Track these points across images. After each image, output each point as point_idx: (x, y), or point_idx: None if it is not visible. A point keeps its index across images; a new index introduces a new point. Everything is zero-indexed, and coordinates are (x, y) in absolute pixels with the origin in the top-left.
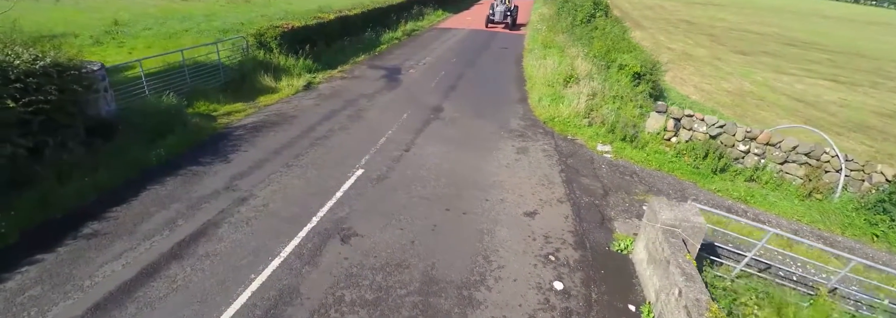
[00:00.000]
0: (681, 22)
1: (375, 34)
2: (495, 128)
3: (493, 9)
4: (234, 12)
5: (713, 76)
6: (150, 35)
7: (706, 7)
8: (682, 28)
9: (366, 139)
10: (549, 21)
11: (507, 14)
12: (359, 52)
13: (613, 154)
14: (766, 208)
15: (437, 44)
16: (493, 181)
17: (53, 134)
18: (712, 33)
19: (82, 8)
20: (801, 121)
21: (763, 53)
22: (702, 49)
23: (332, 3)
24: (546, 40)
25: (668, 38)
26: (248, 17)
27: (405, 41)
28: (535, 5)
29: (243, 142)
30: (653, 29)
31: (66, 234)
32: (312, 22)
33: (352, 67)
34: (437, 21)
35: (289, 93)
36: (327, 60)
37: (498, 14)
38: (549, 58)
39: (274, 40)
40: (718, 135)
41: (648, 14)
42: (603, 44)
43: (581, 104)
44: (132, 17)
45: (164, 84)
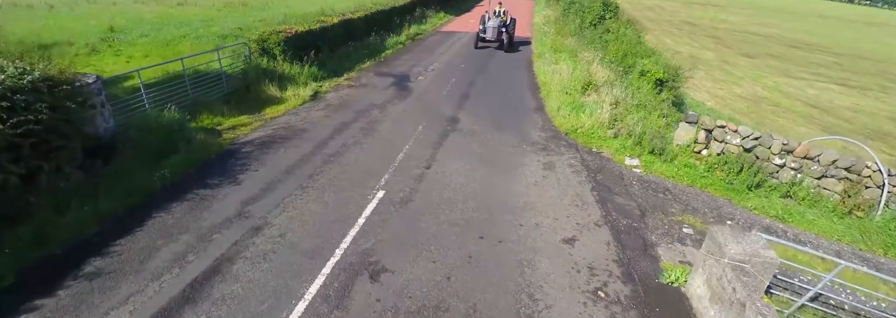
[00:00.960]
0: (683, 24)
1: (380, 39)
2: (517, 141)
3: (483, 23)
4: (231, 17)
5: (725, 81)
6: (147, 42)
7: (705, 7)
8: (686, 30)
9: (382, 155)
10: (555, 24)
11: (501, 30)
12: (364, 57)
13: (643, 169)
14: (805, 228)
15: (443, 48)
16: (523, 202)
17: (47, 158)
18: (716, 35)
19: (77, 14)
20: (819, 128)
21: (769, 56)
22: (709, 52)
23: (332, 5)
24: (555, 44)
25: (674, 41)
26: (246, 22)
27: (410, 46)
28: (537, 7)
29: (252, 160)
30: (657, 31)
31: (66, 273)
32: (316, 26)
33: (358, 74)
34: (440, 24)
35: (296, 103)
36: (333, 66)
37: (490, 30)
38: (561, 63)
39: (277, 46)
40: (753, 148)
41: (650, 15)
42: (619, 48)
43: (604, 114)
44: (128, 24)
45: (164, 96)
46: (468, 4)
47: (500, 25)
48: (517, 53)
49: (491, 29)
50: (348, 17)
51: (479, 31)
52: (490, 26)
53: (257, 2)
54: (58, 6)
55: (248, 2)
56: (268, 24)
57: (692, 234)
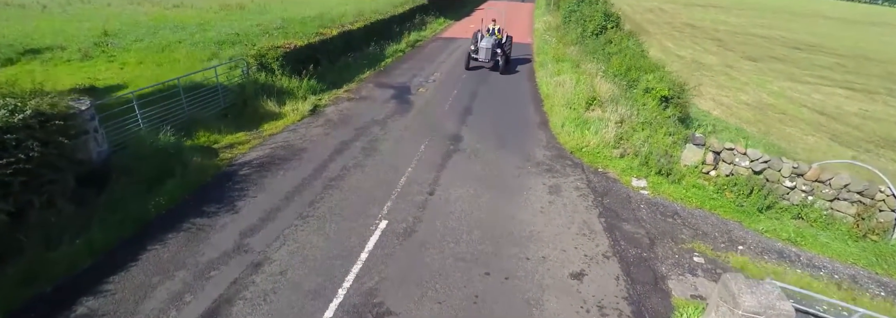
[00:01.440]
0: (685, 26)
1: (379, 48)
2: (520, 161)
3: (476, 41)
4: (227, 20)
5: (729, 87)
6: (141, 47)
7: (706, 9)
8: (688, 33)
9: (384, 179)
10: (556, 31)
11: (495, 51)
12: (363, 68)
13: (650, 190)
14: (819, 251)
15: (444, 56)
16: (529, 232)
17: (38, 192)
18: (718, 38)
19: (70, 15)
20: (828, 137)
21: (772, 59)
22: (712, 56)
23: (331, 9)
24: (557, 54)
25: (675, 45)
26: (243, 27)
27: (410, 53)
28: (537, 10)
29: (250, 184)
30: (659, 34)
31: (58, 315)
32: (315, 39)
33: (358, 85)
34: (439, 30)
35: (294, 119)
36: (332, 78)
37: (483, 51)
38: (563, 74)
39: (276, 61)
40: (762, 170)
41: (651, 18)
42: (622, 61)
43: (610, 133)
44: (122, 27)
45: (159, 114)
46: (468, 8)
47: (494, 45)
48: (519, 62)
49: (484, 49)
50: (347, 28)
51: (470, 52)
52: (483, 46)
53: (255, 5)
54: (51, 6)
55: (246, 5)
56: (265, 29)
57: (703, 263)
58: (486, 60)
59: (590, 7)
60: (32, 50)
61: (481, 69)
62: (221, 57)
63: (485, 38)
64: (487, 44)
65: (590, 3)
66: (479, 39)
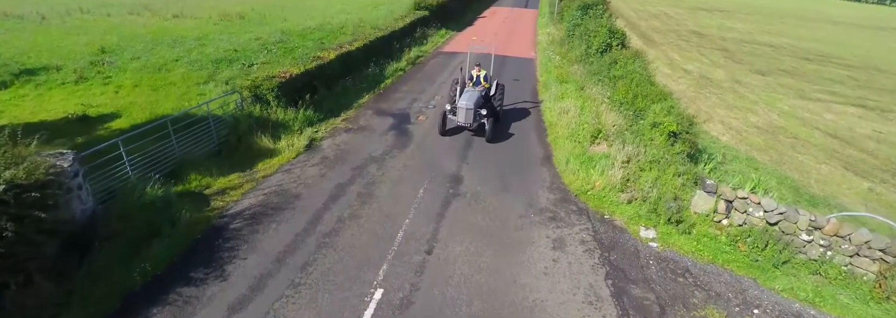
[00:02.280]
0: (691, 34)
1: (378, 68)
2: (524, 207)
3: (454, 96)
4: (226, 33)
5: (738, 107)
6: (138, 67)
7: (712, 14)
8: (694, 42)
9: (381, 235)
10: (559, 45)
11: (480, 112)
12: (362, 92)
13: (660, 243)
14: (840, 313)
15: (444, 76)
16: (533, 301)
17: (14, 272)
18: (725, 47)
19: (68, 28)
20: (842, 165)
21: (781, 72)
22: (719, 70)
23: (332, 18)
24: (561, 73)
25: (682, 57)
26: (242, 41)
27: (410, 72)
28: (541, 19)
29: (241, 242)
30: (664, 45)
31: None
32: (312, 65)
33: (356, 112)
34: (441, 42)
35: (289, 156)
36: (329, 106)
37: (462, 112)
38: (567, 99)
39: (270, 92)
40: (778, 222)
41: (656, 25)
42: (628, 88)
43: (616, 174)
44: (120, 41)
45: (149, 159)
46: (469, 16)
47: (477, 102)
48: (522, 82)
49: (464, 110)
50: (346, 49)
51: (445, 111)
52: (462, 106)
53: (255, 14)
54: (50, 17)
55: (246, 14)
56: (264, 44)
57: None
58: (467, 124)
59: (594, 21)
60: (28, 70)
61: None
62: (218, 79)
63: (466, 93)
64: (469, 102)
65: (594, 17)
66: (458, 94)
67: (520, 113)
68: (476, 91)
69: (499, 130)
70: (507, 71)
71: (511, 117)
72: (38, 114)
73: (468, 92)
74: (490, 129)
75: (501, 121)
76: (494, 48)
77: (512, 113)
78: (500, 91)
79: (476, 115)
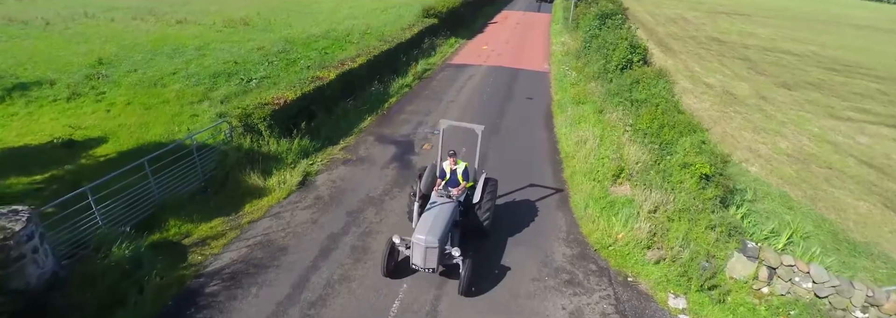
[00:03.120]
0: (711, 41)
1: (383, 85)
2: (537, 265)
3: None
4: (228, 42)
5: (766, 130)
6: (133, 82)
7: (732, 18)
8: (715, 50)
9: (375, 305)
10: (575, 58)
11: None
12: (364, 114)
13: (691, 315)
14: None
15: (453, 92)
16: None
17: None
18: (747, 56)
19: (70, 35)
20: (881, 201)
21: (808, 86)
22: (743, 84)
23: (338, 24)
24: (577, 93)
25: (702, 68)
26: (243, 51)
27: (417, 88)
28: (554, 25)
29: (215, 312)
30: (684, 54)
31: None
32: (310, 88)
33: (357, 139)
34: (450, 53)
35: (280, 196)
36: (328, 132)
37: (420, 251)
38: (584, 124)
39: (262, 122)
40: (828, 295)
41: (674, 31)
42: (653, 116)
43: (642, 229)
44: (120, 51)
45: (123, 205)
46: (480, 22)
47: (446, 229)
48: (535, 102)
49: (422, 248)
50: (348, 66)
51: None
52: (419, 241)
53: (260, 19)
54: (54, 22)
55: (251, 20)
56: (266, 54)
57: None
58: (427, 269)
59: (613, 33)
60: (22, 85)
61: (492, 111)
62: (213, 97)
63: (430, 211)
64: (429, 235)
65: (612, 27)
66: (415, 212)
67: (533, 140)
68: (445, 205)
69: (510, 160)
70: (519, 86)
71: (524, 146)
72: (24, 136)
73: (433, 209)
74: (467, 275)
75: (513, 150)
76: (499, 56)
77: (525, 140)
78: (489, 192)
79: (441, 254)
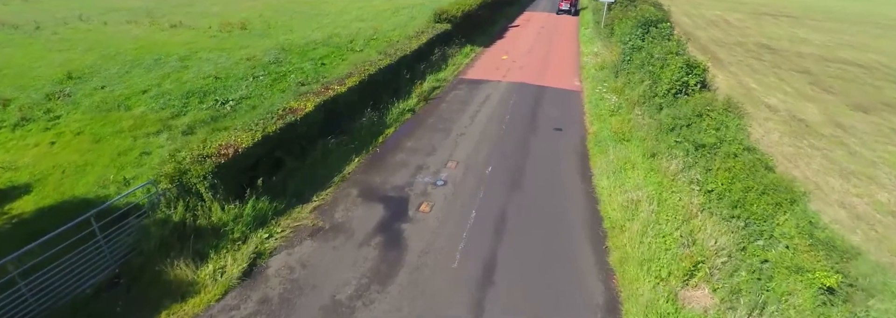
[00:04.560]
0: (762, 49)
1: (379, 112)
2: None
3: None
4: (218, 49)
5: (855, 174)
6: (96, 103)
7: (778, 20)
8: (768, 61)
9: None
10: (612, 74)
11: None
12: (350, 154)
13: None
14: None
15: (465, 120)
16: None
17: None
18: (806, 68)
19: (55, 42)
20: None
21: (886, 108)
22: (810, 106)
23: (343, 27)
24: (619, 124)
25: (758, 84)
26: (230, 62)
27: (422, 113)
28: (583, 32)
29: None
30: (733, 65)
31: None
32: (274, 128)
33: (335, 192)
34: (464, 65)
35: (210, 298)
36: (298, 185)
37: None
38: (631, 172)
39: (203, 182)
40: None
41: (717, 36)
42: (732, 175)
43: None
44: (98, 61)
45: None
46: (499, 26)
47: None
48: (566, 135)
49: None
50: (334, 91)
51: None
52: None
53: (260, 22)
54: (45, 25)
55: (250, 23)
56: (254, 65)
57: None
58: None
59: (660, 45)
60: None
61: (512, 151)
62: (175, 127)
63: None
64: None
65: (658, 38)
66: None
67: (566, 198)
68: None
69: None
70: (545, 111)
71: (554, 209)
72: None
73: None
74: None
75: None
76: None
77: (555, 198)
78: None
79: None
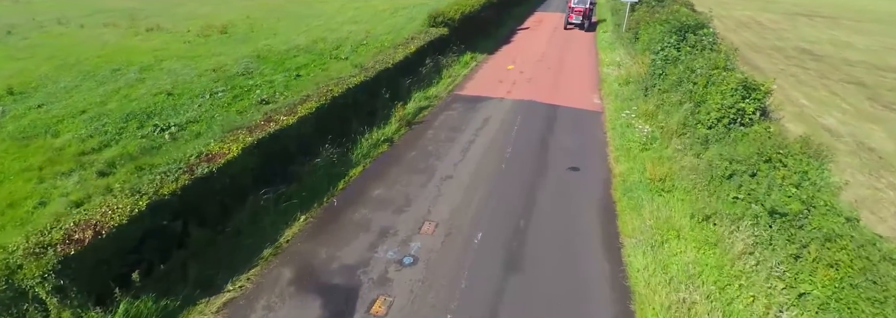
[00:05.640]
0: (803, 55)
1: (341, 148)
2: None
3: None
4: (188, 57)
5: None
6: (21, 128)
7: (813, 21)
8: (813, 70)
9: None
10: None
11: None
12: (293, 212)
13: None
14: None
15: (454, 154)
16: None
17: None
18: (858, 78)
19: (20, 48)
20: None
21: None
22: (875, 128)
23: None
24: (654, 166)
25: (808, 98)
26: (195, 73)
27: (401, 143)
28: (601, 36)
29: None
30: (773, 72)
31: None
32: (173, 188)
33: (260, 276)
34: (462, 77)
35: None
36: (205, 269)
37: None
38: (673, 243)
39: (43, 284)
40: None
41: (751, 39)
42: (836, 275)
43: None
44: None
45: None
46: (507, 28)
47: None
48: (583, 177)
49: None
50: (278, 123)
51: None
52: None
53: (245, 25)
54: (18, 30)
55: (232, 26)
56: (220, 77)
57: None
58: None
59: (702, 58)
60: None
61: (509, 199)
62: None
63: None
64: None
65: (699, 49)
66: None
67: (584, 290)
68: None
69: None
70: (558, 141)
71: (566, 305)
72: None
73: None
74: None
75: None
76: None
77: (568, 288)
78: None
79: None
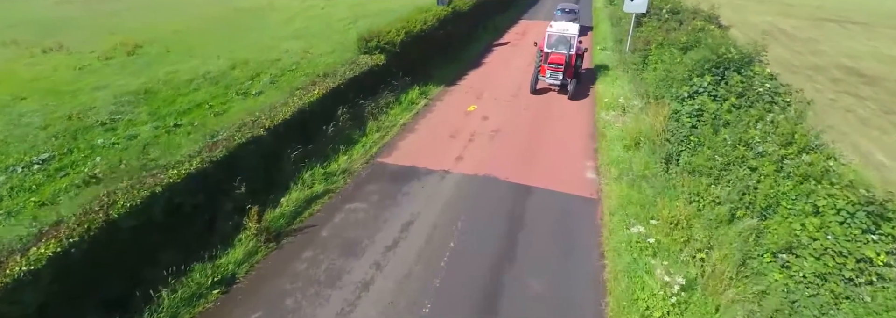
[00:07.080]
0: (851, 76)
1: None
2: None
3: None
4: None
5: None
6: None
7: (846, 29)
8: (871, 99)
9: None
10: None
11: None
12: None
13: None
14: None
15: (330, 310)
16: None
17: None
18: None
19: None
20: None
21: None
22: None
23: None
24: None
25: (882, 151)
26: (38, 124)
27: (244, 287)
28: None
29: None
30: (823, 104)
31: None
32: None
33: None
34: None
35: None
36: None
37: None
38: None
39: None
40: None
41: (781, 54)
42: None
43: None
44: None
45: None
46: (478, 46)
47: None
48: None
49: None
50: None
51: None
52: None
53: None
54: None
55: (151, 44)
56: (71, 125)
57: None
58: None
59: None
60: None
61: None
62: None
63: None
64: None
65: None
66: None
67: None
68: None
69: None
70: (516, 281)
71: None
72: None
73: None
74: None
75: None
76: None
77: None
78: None
79: None
